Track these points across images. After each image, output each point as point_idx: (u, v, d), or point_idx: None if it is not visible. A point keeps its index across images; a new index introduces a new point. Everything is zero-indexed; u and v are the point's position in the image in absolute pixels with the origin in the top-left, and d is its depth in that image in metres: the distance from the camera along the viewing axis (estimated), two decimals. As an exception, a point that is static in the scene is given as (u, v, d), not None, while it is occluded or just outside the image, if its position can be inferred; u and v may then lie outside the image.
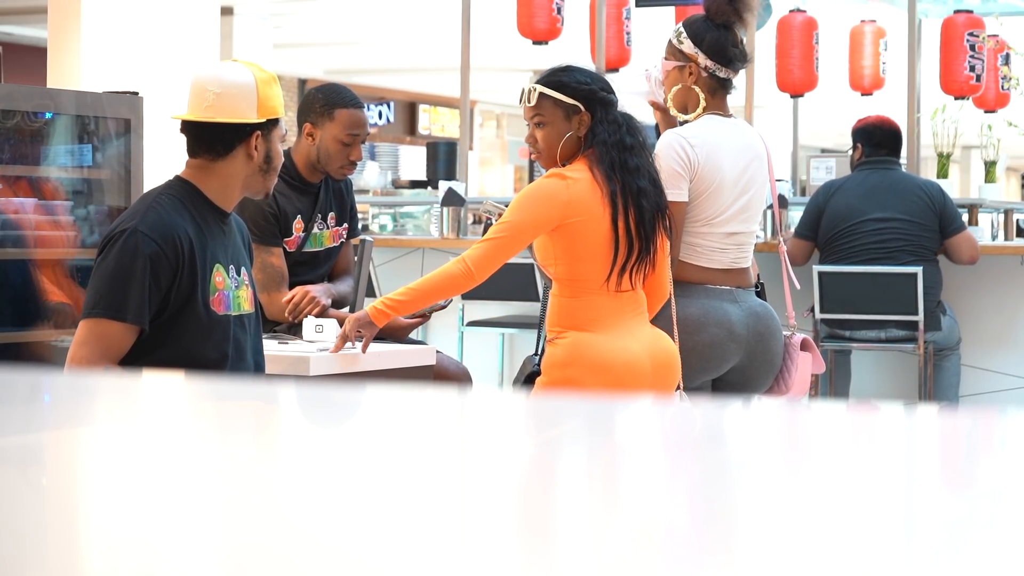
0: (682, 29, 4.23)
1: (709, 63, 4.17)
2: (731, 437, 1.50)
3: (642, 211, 3.77)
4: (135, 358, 3.30)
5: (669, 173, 4.04)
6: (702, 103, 4.18)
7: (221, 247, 3.41)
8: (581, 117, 3.78)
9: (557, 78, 3.82)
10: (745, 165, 4.19)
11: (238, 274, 3.46)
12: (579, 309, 3.77)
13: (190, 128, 3.44)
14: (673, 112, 4.23)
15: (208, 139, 3.40)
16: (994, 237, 7.45)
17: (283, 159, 3.55)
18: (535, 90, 3.82)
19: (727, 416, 1.75)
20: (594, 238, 3.73)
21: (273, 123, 3.45)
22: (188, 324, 3.31)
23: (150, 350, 3.30)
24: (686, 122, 4.21)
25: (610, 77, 4.70)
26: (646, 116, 4.47)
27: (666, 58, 4.24)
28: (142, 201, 3.41)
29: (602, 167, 3.74)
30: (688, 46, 4.19)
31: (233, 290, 3.42)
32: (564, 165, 3.80)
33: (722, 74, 4.18)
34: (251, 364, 3.47)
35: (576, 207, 3.72)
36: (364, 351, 3.91)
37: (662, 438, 1.47)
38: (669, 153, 4.09)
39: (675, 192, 4.05)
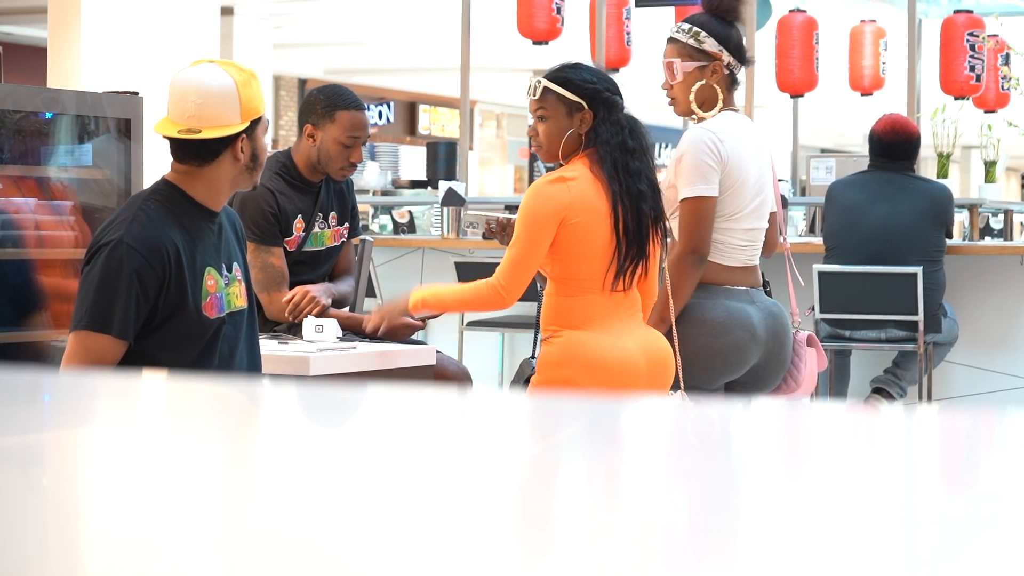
0: (698, 29, 4.17)
1: (732, 60, 4.18)
2: (730, 437, 1.50)
3: (640, 215, 3.76)
4: (127, 360, 3.28)
5: (702, 167, 4.02)
6: (720, 100, 4.17)
7: (212, 248, 3.38)
8: (583, 115, 3.77)
9: (564, 74, 3.82)
10: (761, 162, 4.20)
11: (229, 271, 3.43)
12: (574, 308, 3.76)
13: (173, 138, 3.38)
14: (696, 111, 4.18)
15: (194, 149, 3.35)
16: (965, 238, 7.42)
17: (267, 150, 3.52)
18: (540, 83, 3.82)
19: (726, 416, 1.75)
20: (592, 238, 3.73)
21: (256, 122, 3.39)
22: (178, 330, 3.29)
23: (141, 355, 3.28)
24: (702, 119, 4.17)
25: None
26: (655, 118, 4.48)
27: (683, 60, 4.19)
28: (128, 208, 3.35)
29: (604, 168, 3.73)
30: (711, 44, 4.15)
31: (225, 289, 3.40)
32: (563, 162, 3.79)
33: (738, 71, 4.21)
34: (243, 360, 3.45)
35: (577, 207, 3.71)
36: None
37: (661, 438, 1.47)
38: (700, 147, 4.06)
39: (707, 187, 4.03)
